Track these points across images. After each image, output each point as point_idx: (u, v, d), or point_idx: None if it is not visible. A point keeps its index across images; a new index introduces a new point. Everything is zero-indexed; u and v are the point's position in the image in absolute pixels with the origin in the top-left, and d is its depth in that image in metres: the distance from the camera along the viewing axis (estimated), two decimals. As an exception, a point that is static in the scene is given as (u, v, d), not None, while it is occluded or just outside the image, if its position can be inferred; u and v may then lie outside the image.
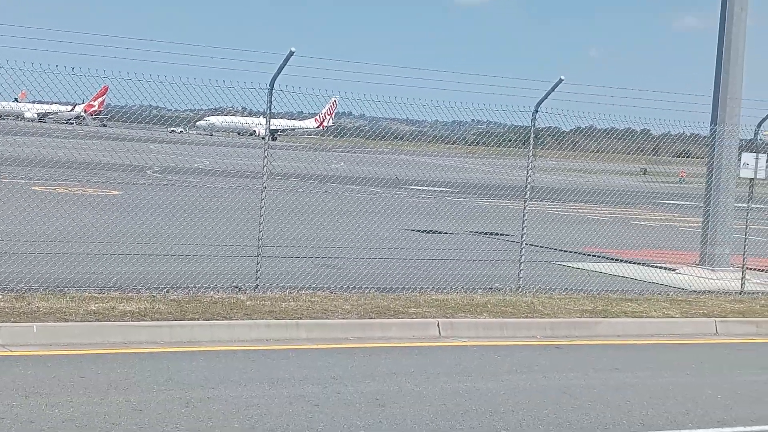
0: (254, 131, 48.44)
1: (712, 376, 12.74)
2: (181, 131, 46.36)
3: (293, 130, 65.19)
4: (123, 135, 26.42)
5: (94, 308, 13.00)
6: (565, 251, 22.79)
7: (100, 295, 13.90)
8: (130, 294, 14.11)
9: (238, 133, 50.12)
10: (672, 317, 15.97)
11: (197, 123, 30.20)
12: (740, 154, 19.81)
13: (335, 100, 19.68)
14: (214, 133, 48.70)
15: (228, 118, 15.23)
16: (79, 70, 14.01)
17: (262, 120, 15.88)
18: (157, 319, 12.80)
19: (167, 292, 14.48)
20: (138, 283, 14.77)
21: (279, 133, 61.58)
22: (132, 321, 12.63)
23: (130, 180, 29.66)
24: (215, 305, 13.86)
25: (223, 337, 12.71)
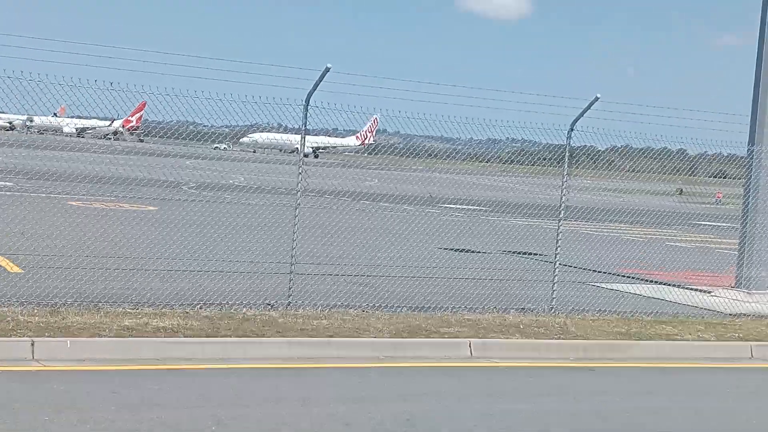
0: (296, 148, 48.47)
1: (746, 401, 12.57)
2: (225, 148, 46.56)
3: (335, 147, 65.35)
4: (160, 150, 26.57)
5: (127, 324, 13.03)
6: (599, 272, 22.61)
7: (134, 310, 13.93)
8: (163, 310, 14.13)
9: (280, 150, 50.38)
10: (707, 340, 15.78)
11: (241, 140, 30.29)
12: (778, 175, 19.60)
13: (376, 118, 19.66)
14: (257, 150, 48.83)
15: (271, 135, 15.27)
16: (117, 85, 14.10)
17: (306, 137, 15.90)
18: (190, 336, 12.82)
19: (200, 308, 14.50)
20: (171, 299, 14.80)
21: (321, 150, 61.80)
22: (165, 337, 12.65)
23: (166, 196, 29.80)
24: (248, 322, 13.87)
25: (256, 354, 12.70)
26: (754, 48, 20.95)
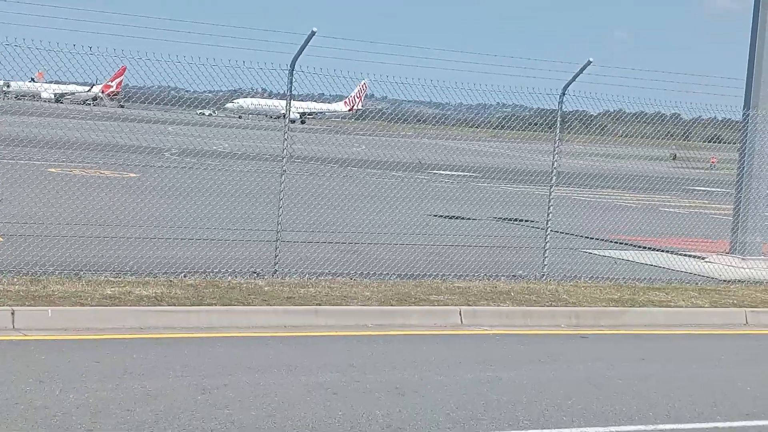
0: (283, 114, 47.97)
1: (741, 367, 12.43)
2: (210, 114, 46.18)
3: (323, 113, 64.93)
4: (141, 116, 26.23)
5: (109, 292, 12.82)
6: (591, 238, 22.43)
7: (116, 279, 13.71)
8: (146, 278, 13.91)
9: (266, 116, 49.95)
10: (701, 307, 15.61)
11: (226, 105, 29.93)
12: (773, 139, 19.40)
13: (365, 83, 19.32)
14: (242, 116, 48.37)
15: (256, 101, 14.98)
16: (96, 49, 13.82)
17: (292, 103, 15.58)
18: (174, 305, 12.61)
19: (184, 276, 14.29)
20: (154, 268, 14.56)
21: (308, 116, 61.44)
22: (148, 306, 12.44)
23: (148, 162, 29.49)
24: (233, 291, 13.64)
25: (241, 323, 12.49)
26: (749, 12, 20.69)
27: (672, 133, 21.58)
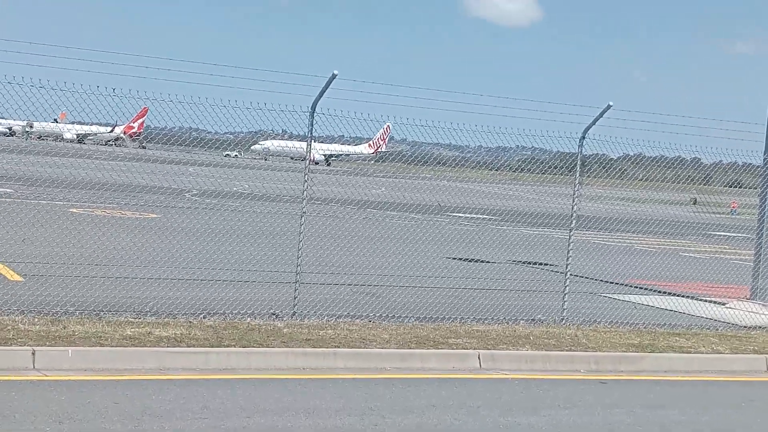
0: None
1: (762, 414, 12.31)
2: (236, 155, 46.23)
3: (348, 155, 65.18)
4: (162, 157, 26.40)
5: (129, 333, 12.84)
6: (611, 283, 22.33)
7: (136, 319, 13.73)
8: (166, 319, 13.93)
9: (291, 158, 50.04)
10: (721, 353, 15.48)
11: (252, 147, 30.04)
12: (794, 184, 19.33)
13: (389, 126, 19.41)
14: (268, 158, 48.48)
15: (282, 143, 15.02)
16: (119, 90, 13.94)
17: (316, 145, 15.65)
18: (193, 345, 12.61)
19: (204, 317, 14.29)
20: (174, 309, 14.59)
21: (333, 158, 61.68)
22: (168, 347, 12.44)
23: (169, 203, 29.62)
24: (252, 332, 13.64)
25: (260, 364, 12.47)
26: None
27: (692, 177, 21.53)
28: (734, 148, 18.79)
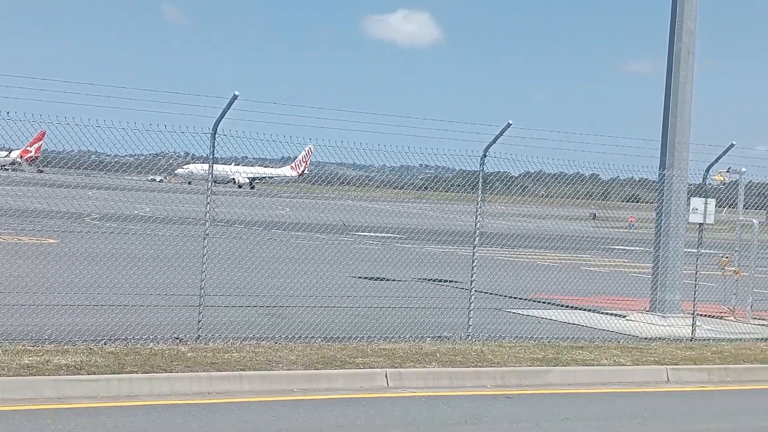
0: (233, 179, 47.76)
1: (664, 425, 12.55)
2: (161, 180, 45.37)
3: (272, 177, 64.77)
4: (60, 181, 25.84)
5: (27, 361, 12.48)
6: (515, 298, 22.57)
7: (34, 348, 13.37)
8: (65, 346, 13.59)
9: (216, 182, 49.21)
10: (623, 365, 15.75)
11: (176, 171, 29.57)
12: (689, 199, 19.83)
13: (310, 148, 19.27)
14: (192, 182, 47.78)
15: (206, 166, 14.89)
16: (14, 114, 13.56)
17: (240, 168, 15.50)
18: (94, 373, 12.31)
19: (105, 344, 13.99)
20: (74, 335, 14.24)
21: (257, 181, 61.17)
22: (67, 375, 12.13)
23: (68, 228, 28.98)
24: (155, 357, 13.37)
25: (163, 390, 12.23)
26: (663, 75, 21.26)
27: (591, 193, 21.93)
28: (631, 164, 19.19)
